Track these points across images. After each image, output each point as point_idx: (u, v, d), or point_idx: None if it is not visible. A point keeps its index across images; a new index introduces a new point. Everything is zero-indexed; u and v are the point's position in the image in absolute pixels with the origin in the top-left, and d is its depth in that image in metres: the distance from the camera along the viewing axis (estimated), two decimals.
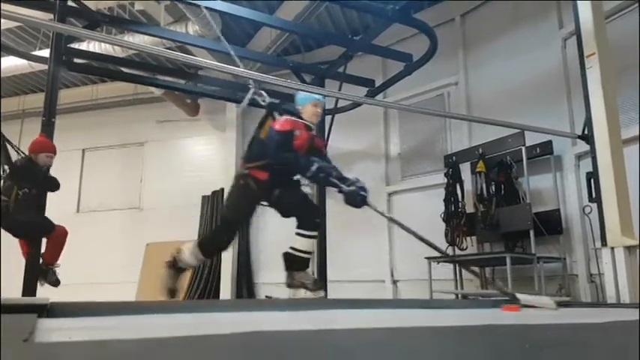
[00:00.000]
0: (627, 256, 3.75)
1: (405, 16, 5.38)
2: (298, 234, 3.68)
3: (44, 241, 4.41)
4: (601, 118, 4.04)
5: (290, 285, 3.76)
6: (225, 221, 3.94)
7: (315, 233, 3.77)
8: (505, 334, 1.54)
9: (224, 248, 3.95)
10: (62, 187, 4.60)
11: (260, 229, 8.38)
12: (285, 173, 3.61)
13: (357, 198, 3.58)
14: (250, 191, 3.58)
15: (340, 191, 3.57)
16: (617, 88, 4.24)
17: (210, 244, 3.85)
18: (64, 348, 1.05)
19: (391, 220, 3.94)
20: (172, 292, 3.75)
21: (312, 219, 3.73)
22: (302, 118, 3.72)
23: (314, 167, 3.46)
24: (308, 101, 3.77)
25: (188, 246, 3.71)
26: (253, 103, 4.23)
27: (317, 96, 3.84)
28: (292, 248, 3.69)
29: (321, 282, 3.86)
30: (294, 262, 3.70)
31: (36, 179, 4.24)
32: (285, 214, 3.74)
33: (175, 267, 3.73)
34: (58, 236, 4.32)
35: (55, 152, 4.45)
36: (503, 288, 3.46)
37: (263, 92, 4.00)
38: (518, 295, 2.91)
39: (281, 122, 3.62)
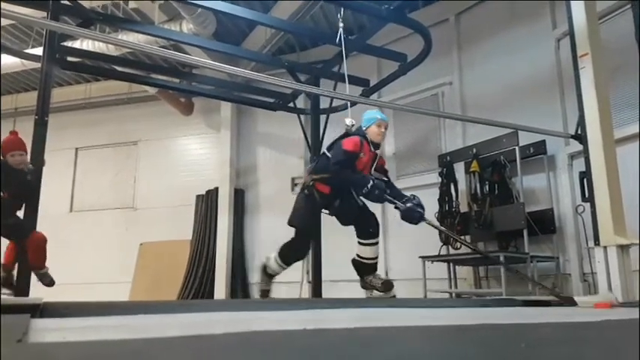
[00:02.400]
0: (620, 255, 3.77)
1: (400, 15, 5.39)
2: (359, 242, 4.12)
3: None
4: (594, 118, 4.06)
5: (363, 287, 4.18)
6: (295, 229, 4.19)
7: (372, 240, 4.13)
8: (501, 333, 1.55)
9: (301, 256, 4.32)
10: (55, 187, 4.54)
11: (254, 229, 8.38)
12: (344, 187, 3.95)
13: (414, 214, 3.94)
14: (314, 201, 3.98)
15: (397, 207, 3.92)
16: (609, 88, 4.27)
17: (287, 253, 4.16)
18: (58, 348, 1.04)
19: (449, 233, 4.48)
20: (265, 292, 4.24)
21: (366, 229, 4.10)
22: (366, 138, 4.00)
23: (369, 185, 3.73)
24: (373, 122, 4.06)
25: (274, 255, 4.15)
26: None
27: (381, 116, 4.13)
28: (357, 255, 4.14)
29: (391, 282, 4.12)
30: (360, 268, 4.13)
31: (8, 183, 3.94)
32: (343, 223, 4.16)
33: (266, 272, 4.22)
34: (35, 241, 4.15)
35: (24, 149, 4.11)
36: (558, 292, 3.62)
37: (351, 120, 4.22)
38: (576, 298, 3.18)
39: (349, 142, 3.91)
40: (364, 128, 4.07)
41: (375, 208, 7.28)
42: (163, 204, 9.02)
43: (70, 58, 6.29)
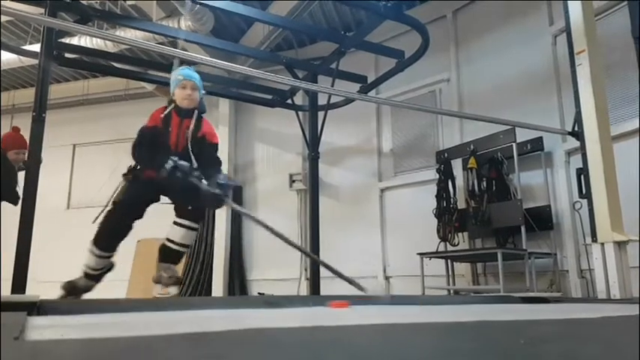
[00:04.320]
0: (617, 252, 3.79)
1: (397, 12, 5.39)
2: (175, 223, 3.55)
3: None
4: (591, 115, 4.07)
5: (156, 279, 3.56)
6: (116, 208, 3.59)
7: (189, 223, 3.51)
8: (500, 330, 1.55)
9: (121, 237, 3.66)
10: (53, 183, 4.53)
11: (252, 226, 8.38)
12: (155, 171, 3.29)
13: (207, 198, 3.24)
14: (144, 185, 3.48)
15: (199, 192, 3.23)
16: (606, 85, 4.28)
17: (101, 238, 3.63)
18: (56, 346, 1.04)
19: (256, 221, 3.53)
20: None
21: (185, 207, 3.48)
22: (177, 106, 3.44)
23: (168, 166, 3.16)
24: (175, 85, 3.49)
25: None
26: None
27: (184, 74, 3.50)
28: (167, 239, 3.57)
29: (179, 279, 3.61)
30: (164, 253, 3.58)
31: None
32: (172, 200, 3.58)
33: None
34: None
35: (26, 147, 4.11)
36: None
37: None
38: None
39: (150, 116, 3.45)
40: (172, 95, 3.48)
41: (373, 208, 7.39)
42: (161, 200, 9.01)
43: (67, 55, 6.26)
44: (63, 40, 6.51)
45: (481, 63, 6.65)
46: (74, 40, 6.91)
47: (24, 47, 7.23)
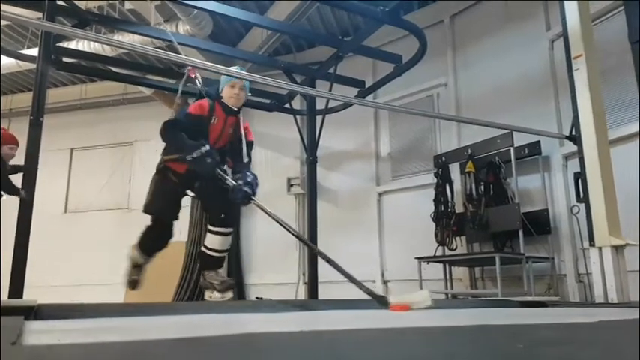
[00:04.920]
0: (615, 256, 3.79)
1: (395, 17, 5.40)
2: (208, 230, 3.57)
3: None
4: (588, 119, 4.08)
5: (203, 285, 3.62)
6: (151, 217, 3.66)
7: (223, 230, 3.53)
8: (498, 334, 1.55)
9: (162, 245, 3.72)
10: (50, 187, 4.55)
11: (250, 230, 8.37)
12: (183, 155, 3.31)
13: (237, 194, 3.34)
14: (168, 183, 3.49)
15: (226, 185, 3.34)
16: (603, 90, 4.29)
17: (146, 242, 3.69)
18: (53, 350, 1.04)
19: (279, 222, 3.48)
20: (133, 282, 3.77)
21: (218, 214, 3.51)
22: (222, 103, 3.54)
23: (200, 150, 3.21)
24: (225, 83, 3.58)
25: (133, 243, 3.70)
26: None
27: (233, 77, 3.60)
28: (204, 246, 3.61)
29: (231, 283, 3.65)
30: (204, 261, 3.63)
31: None
32: (205, 208, 3.68)
33: (132, 262, 3.77)
34: None
35: (17, 144, 4.28)
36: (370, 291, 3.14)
37: (198, 76, 3.83)
38: (391, 298, 2.75)
39: (195, 104, 3.48)
40: (220, 92, 3.59)
41: (371, 212, 7.38)
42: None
43: (65, 59, 6.27)
44: (61, 44, 6.52)
45: (478, 67, 6.68)
46: (72, 45, 6.91)
47: (22, 51, 7.23)
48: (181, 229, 8.57)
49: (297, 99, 7.37)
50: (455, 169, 6.34)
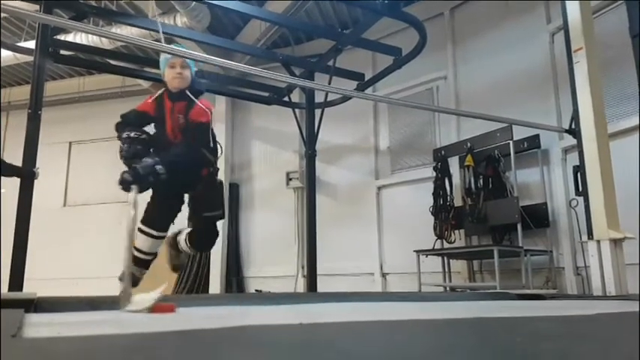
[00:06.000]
0: (613, 249, 3.80)
1: (395, 9, 5.38)
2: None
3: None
4: (588, 113, 4.08)
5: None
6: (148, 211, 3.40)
7: (152, 232, 3.32)
8: (496, 327, 1.56)
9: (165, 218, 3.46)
10: (49, 181, 4.51)
11: (249, 223, 8.38)
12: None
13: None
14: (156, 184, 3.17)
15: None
16: (603, 83, 4.29)
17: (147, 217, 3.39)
18: (53, 343, 1.04)
19: None
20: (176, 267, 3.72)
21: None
22: (168, 89, 3.23)
23: (122, 135, 3.06)
24: (164, 67, 3.25)
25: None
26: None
27: (167, 55, 3.29)
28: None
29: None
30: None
31: None
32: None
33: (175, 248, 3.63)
34: None
35: None
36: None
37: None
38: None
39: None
40: (163, 78, 3.26)
41: (370, 206, 7.39)
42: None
43: (63, 52, 6.24)
44: (58, 37, 6.48)
45: (478, 61, 6.66)
46: (70, 37, 6.88)
47: (19, 44, 7.20)
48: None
49: (296, 92, 7.35)
50: (454, 163, 6.34)
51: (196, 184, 3.35)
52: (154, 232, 3.38)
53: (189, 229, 3.54)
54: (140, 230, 3.35)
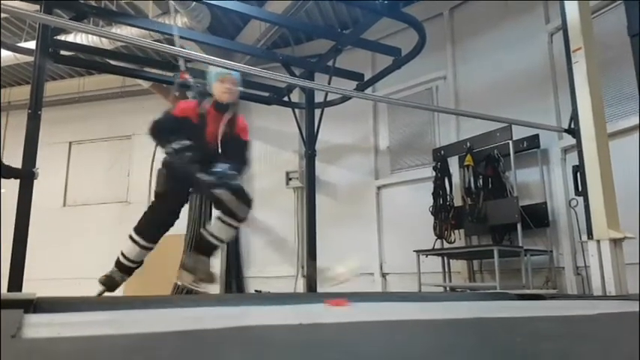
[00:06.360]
0: (613, 249, 3.80)
1: (394, 10, 5.38)
2: (217, 217, 3.58)
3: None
4: (587, 112, 4.08)
5: (184, 266, 3.61)
6: (153, 203, 3.66)
7: (230, 221, 3.56)
8: (496, 327, 1.56)
9: (167, 228, 3.67)
10: (49, 181, 4.51)
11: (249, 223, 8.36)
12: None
13: (204, 187, 3.27)
14: (169, 177, 3.48)
15: (199, 178, 3.27)
16: (602, 83, 4.29)
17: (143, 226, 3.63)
18: (52, 343, 1.04)
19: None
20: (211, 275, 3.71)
21: (226, 205, 3.48)
22: (214, 100, 3.49)
23: (172, 146, 3.22)
24: (215, 78, 3.53)
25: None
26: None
27: (224, 71, 3.56)
28: (206, 230, 3.61)
29: (212, 275, 3.63)
30: (201, 245, 3.62)
31: None
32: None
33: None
34: None
35: None
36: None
37: (189, 78, 3.89)
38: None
39: (180, 104, 3.50)
40: (210, 89, 3.55)
41: (370, 205, 7.39)
42: None
43: (63, 52, 6.24)
44: (59, 37, 6.48)
45: (477, 61, 6.66)
46: (70, 38, 6.88)
47: (19, 44, 7.20)
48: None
49: (295, 92, 7.35)
50: (454, 163, 6.33)
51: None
52: (144, 242, 3.51)
53: (216, 215, 3.58)
54: (130, 238, 3.50)
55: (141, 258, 3.61)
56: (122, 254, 3.54)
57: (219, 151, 3.46)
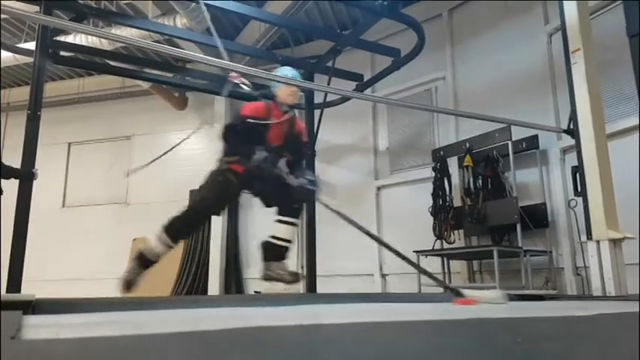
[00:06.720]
0: (612, 249, 3.80)
1: (394, 11, 5.39)
2: (279, 221, 3.61)
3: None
4: (586, 113, 4.08)
5: (266, 277, 3.69)
6: (196, 211, 3.71)
7: (295, 220, 3.64)
8: (496, 327, 1.56)
9: (190, 234, 3.76)
10: (48, 182, 4.51)
11: (248, 223, 8.37)
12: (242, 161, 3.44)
13: (302, 192, 3.46)
14: (230, 185, 3.52)
15: (288, 183, 3.44)
16: (600, 83, 4.29)
17: (176, 229, 3.63)
18: (51, 345, 1.04)
19: (348, 220, 3.73)
20: (130, 284, 3.57)
21: (291, 204, 3.60)
22: (278, 102, 3.61)
23: (258, 157, 3.32)
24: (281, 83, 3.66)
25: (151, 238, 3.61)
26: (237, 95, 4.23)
27: (292, 74, 3.74)
28: (272, 237, 3.63)
29: (298, 274, 3.76)
30: (270, 251, 3.67)
31: None
32: (267, 204, 3.67)
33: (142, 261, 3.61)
34: None
35: None
36: (445, 284, 3.34)
37: (246, 81, 3.91)
38: (465, 291, 2.74)
39: (249, 106, 3.56)
40: (274, 90, 3.68)
41: (370, 206, 7.38)
42: (157, 199, 8.98)
43: (62, 53, 6.24)
44: (58, 38, 6.48)
45: (476, 61, 6.66)
46: (69, 38, 6.88)
47: (19, 45, 7.19)
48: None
49: None
50: (453, 163, 6.33)
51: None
52: (172, 244, 3.58)
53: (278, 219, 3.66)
54: (162, 237, 3.54)
55: (164, 256, 3.66)
56: (147, 251, 3.57)
57: (283, 150, 3.61)
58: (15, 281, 4.01)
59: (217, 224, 8.23)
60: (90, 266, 8.60)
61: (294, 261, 7.72)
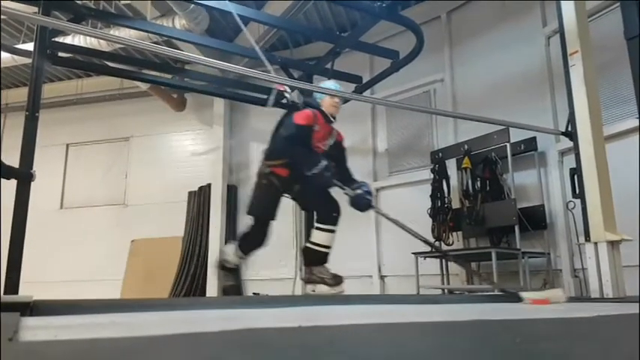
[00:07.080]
0: (610, 251, 3.80)
1: (392, 13, 5.39)
2: (317, 228, 3.82)
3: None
4: (584, 115, 4.08)
5: (308, 280, 3.83)
6: (255, 218, 3.96)
7: (331, 227, 3.84)
8: (495, 329, 1.56)
9: (261, 245, 4.01)
10: (46, 183, 4.50)
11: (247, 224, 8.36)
12: (302, 170, 3.61)
13: (362, 202, 3.78)
14: (273, 188, 3.75)
15: (345, 193, 3.74)
16: (598, 86, 4.30)
17: (247, 243, 3.98)
18: (50, 347, 1.04)
19: (398, 224, 4.01)
20: (232, 288, 4.14)
21: (330, 212, 3.81)
22: (322, 111, 3.83)
23: (320, 165, 3.49)
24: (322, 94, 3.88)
25: (231, 247, 3.99)
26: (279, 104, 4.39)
27: (334, 86, 3.98)
28: (311, 242, 3.80)
29: (341, 277, 3.86)
30: (312, 257, 3.81)
31: None
32: (304, 207, 3.95)
33: (226, 268, 4.08)
34: None
35: None
36: (501, 287, 3.51)
37: (288, 89, 4.14)
38: (523, 294, 2.89)
39: (302, 115, 3.68)
40: (319, 100, 3.95)
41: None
42: (155, 200, 8.99)
43: (61, 54, 6.23)
44: (57, 39, 6.47)
45: (475, 63, 6.68)
46: (68, 39, 6.88)
47: (17, 46, 7.19)
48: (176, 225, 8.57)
49: (294, 94, 7.34)
50: (451, 165, 6.34)
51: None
52: (245, 258, 4.09)
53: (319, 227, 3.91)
54: (237, 253, 3.98)
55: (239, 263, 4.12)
56: (226, 259, 4.06)
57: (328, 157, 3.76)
58: (13, 283, 4.00)
59: (215, 226, 8.22)
60: (88, 268, 8.60)
61: (292, 262, 7.74)
